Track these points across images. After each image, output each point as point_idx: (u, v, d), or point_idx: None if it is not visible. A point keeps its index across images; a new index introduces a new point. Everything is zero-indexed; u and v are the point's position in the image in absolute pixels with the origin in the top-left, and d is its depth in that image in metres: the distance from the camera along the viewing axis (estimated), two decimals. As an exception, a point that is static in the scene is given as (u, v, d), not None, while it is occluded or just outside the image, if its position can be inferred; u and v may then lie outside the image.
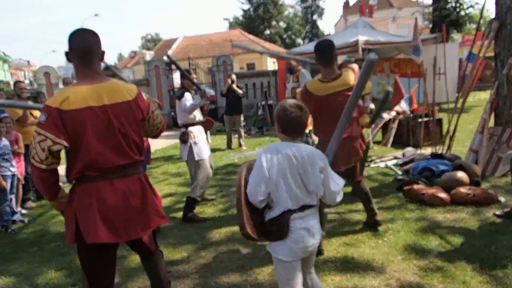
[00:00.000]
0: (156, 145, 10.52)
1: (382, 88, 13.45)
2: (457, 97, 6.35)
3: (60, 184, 2.33)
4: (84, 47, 2.21)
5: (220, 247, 3.91)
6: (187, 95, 4.79)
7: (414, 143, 7.20)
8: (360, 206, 4.70)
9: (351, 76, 3.65)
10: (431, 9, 17.55)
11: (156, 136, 2.67)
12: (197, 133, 4.79)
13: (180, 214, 4.92)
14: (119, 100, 2.23)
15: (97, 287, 2.31)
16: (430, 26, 17.86)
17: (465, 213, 4.26)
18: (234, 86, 9.48)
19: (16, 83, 6.05)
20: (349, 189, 4.64)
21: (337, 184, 2.31)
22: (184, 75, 4.88)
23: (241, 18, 48.37)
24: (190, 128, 4.77)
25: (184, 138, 4.73)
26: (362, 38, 11.49)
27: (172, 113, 10.59)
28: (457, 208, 4.38)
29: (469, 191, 4.47)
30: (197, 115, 4.86)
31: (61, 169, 2.21)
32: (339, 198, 2.35)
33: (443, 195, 4.51)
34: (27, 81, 36.36)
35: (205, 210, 5.05)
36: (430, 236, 3.77)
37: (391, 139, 8.00)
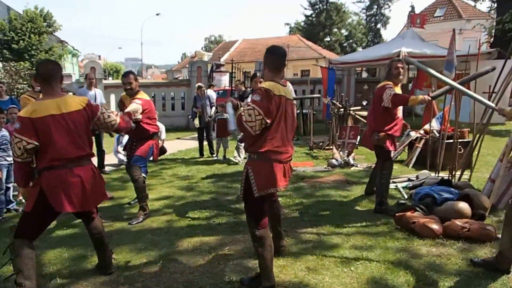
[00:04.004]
0: (180, 146, 10.68)
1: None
2: (482, 117, 5.72)
3: None
4: (46, 72, 3.05)
5: (181, 257, 3.81)
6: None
7: (434, 165, 6.67)
8: (344, 229, 4.44)
9: None
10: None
11: (116, 131, 3.70)
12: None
13: (161, 220, 4.91)
14: (73, 109, 3.08)
15: (27, 237, 3.06)
16: (491, 40, 16.65)
17: (453, 248, 3.85)
18: None
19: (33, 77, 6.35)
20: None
21: None
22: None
23: (302, 24, 48.16)
24: None
25: None
26: (405, 50, 10.97)
27: (190, 116, 10.73)
28: (447, 242, 3.97)
29: (465, 225, 4.03)
30: None
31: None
32: None
33: (434, 226, 4.10)
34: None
35: (190, 217, 4.98)
36: (401, 271, 3.43)
37: (413, 160, 7.49)
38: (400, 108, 5.09)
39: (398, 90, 5.00)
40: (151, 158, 5.21)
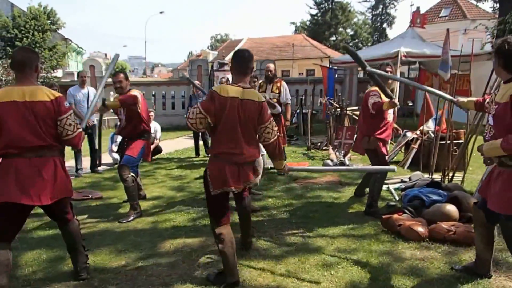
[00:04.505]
0: (177, 146, 10.64)
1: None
2: (474, 117, 5.60)
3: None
4: (20, 60, 2.99)
5: (161, 259, 3.76)
6: None
7: (429, 166, 6.57)
8: (330, 231, 4.37)
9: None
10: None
11: (67, 143, 3.18)
12: None
13: (147, 221, 4.87)
14: (38, 99, 2.94)
15: (2, 239, 2.93)
16: (493, 41, 16.44)
17: (438, 252, 3.77)
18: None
19: None
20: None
21: None
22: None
23: (308, 23, 48.00)
24: None
25: None
26: (404, 50, 10.85)
27: (185, 115, 10.64)
28: (432, 246, 3.89)
29: (450, 228, 3.95)
30: None
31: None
32: None
33: (420, 229, 4.02)
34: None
35: (176, 218, 4.94)
36: (382, 275, 3.37)
37: (409, 160, 7.40)
38: (390, 113, 5.00)
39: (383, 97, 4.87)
40: (141, 158, 5.23)
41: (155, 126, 9.15)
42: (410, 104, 16.36)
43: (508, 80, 2.84)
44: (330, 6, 45.00)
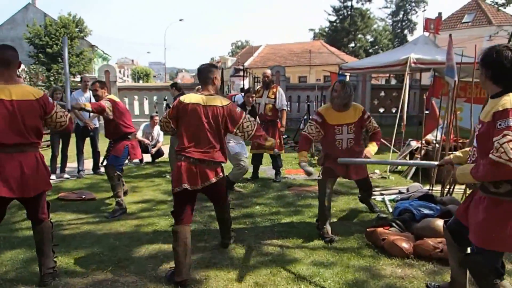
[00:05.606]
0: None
1: (444, 112, 12.25)
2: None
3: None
4: (3, 57, 3.03)
5: (133, 265, 3.67)
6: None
7: (429, 178, 6.33)
8: (311, 243, 4.21)
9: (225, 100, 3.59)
10: None
11: (62, 130, 3.64)
12: (231, 136, 5.55)
13: (130, 224, 4.80)
14: (24, 98, 3.04)
15: None
16: None
17: (421, 270, 3.56)
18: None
19: None
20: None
21: None
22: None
23: (327, 29, 47.72)
24: None
25: None
26: (414, 56, 10.54)
27: None
28: (417, 263, 3.68)
29: (438, 245, 3.73)
30: None
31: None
32: None
33: (404, 245, 3.82)
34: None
35: (159, 222, 4.87)
36: (355, 292, 3.20)
37: (412, 171, 7.15)
38: (344, 139, 4.41)
39: (336, 115, 4.35)
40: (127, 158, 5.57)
41: (158, 129, 9.15)
42: (427, 112, 16.00)
43: (495, 95, 2.48)
44: (349, 12, 44.63)
